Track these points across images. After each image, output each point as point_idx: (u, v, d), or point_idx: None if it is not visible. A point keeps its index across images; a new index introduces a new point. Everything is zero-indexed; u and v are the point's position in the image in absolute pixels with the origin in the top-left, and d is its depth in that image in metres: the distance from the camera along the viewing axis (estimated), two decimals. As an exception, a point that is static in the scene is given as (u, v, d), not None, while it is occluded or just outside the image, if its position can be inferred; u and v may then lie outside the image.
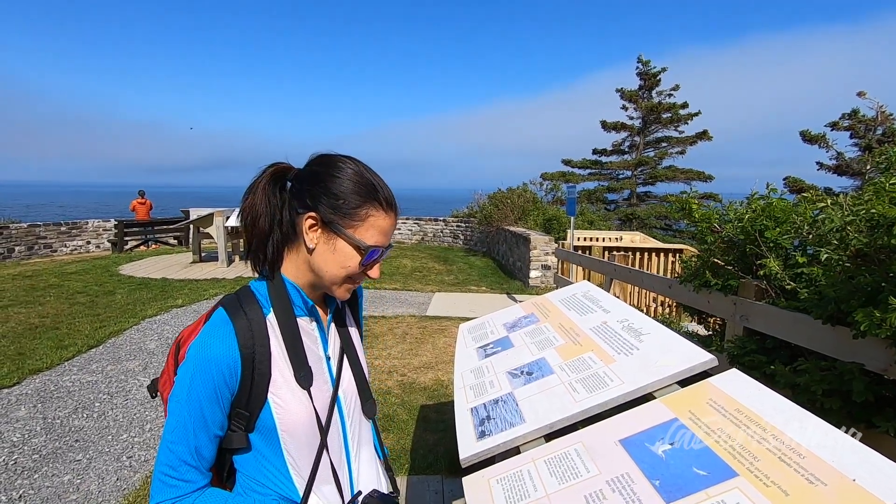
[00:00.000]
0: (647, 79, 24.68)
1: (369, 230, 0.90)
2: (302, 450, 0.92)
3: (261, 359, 0.88)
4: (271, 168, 0.94)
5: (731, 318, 2.44)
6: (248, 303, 0.92)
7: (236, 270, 9.60)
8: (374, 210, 0.90)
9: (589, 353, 1.47)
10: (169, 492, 0.85)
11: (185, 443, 0.85)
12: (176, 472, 0.85)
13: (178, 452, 0.85)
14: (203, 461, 0.88)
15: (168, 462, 0.85)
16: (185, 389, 0.85)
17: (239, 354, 0.86)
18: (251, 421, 0.89)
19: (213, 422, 0.87)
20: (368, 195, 0.90)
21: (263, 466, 0.92)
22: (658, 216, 23.43)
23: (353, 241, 0.89)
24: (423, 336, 5.80)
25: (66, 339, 5.35)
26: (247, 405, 0.88)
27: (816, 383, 1.69)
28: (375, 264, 0.94)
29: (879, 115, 16.26)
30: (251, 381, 0.87)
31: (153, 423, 3.60)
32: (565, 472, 1.03)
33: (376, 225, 0.91)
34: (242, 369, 0.87)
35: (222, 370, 0.85)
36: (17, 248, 11.38)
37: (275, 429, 0.89)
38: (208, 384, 0.85)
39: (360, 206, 0.89)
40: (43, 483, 2.86)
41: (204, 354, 0.85)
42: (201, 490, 0.88)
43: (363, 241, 0.89)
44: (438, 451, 3.21)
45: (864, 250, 1.65)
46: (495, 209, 12.79)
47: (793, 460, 0.83)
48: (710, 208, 2.82)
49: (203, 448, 0.87)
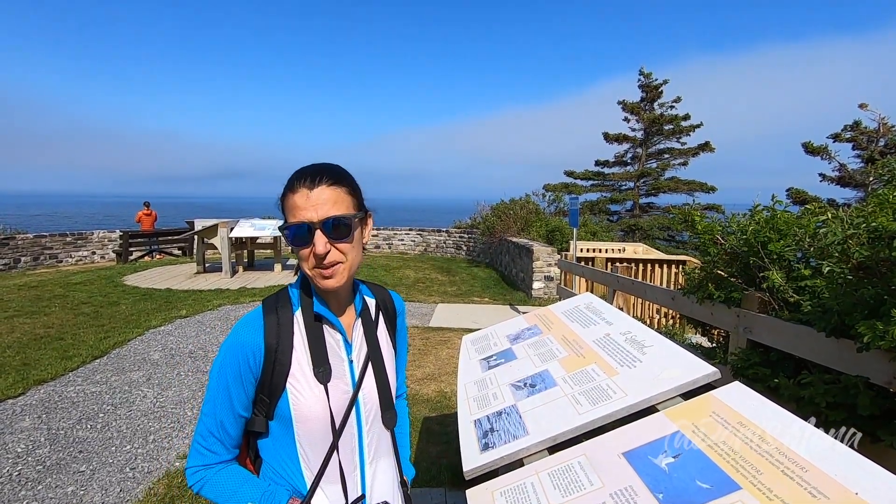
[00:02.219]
0: (648, 91, 24.82)
1: (288, 214, 0.97)
2: (315, 444, 0.98)
3: (283, 350, 0.97)
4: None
5: (734, 331, 2.44)
6: (282, 302, 1.03)
7: (240, 281, 9.63)
8: (286, 198, 0.97)
9: (592, 366, 1.47)
10: (199, 458, 0.98)
11: (213, 416, 0.97)
12: (205, 443, 0.98)
13: (207, 424, 0.98)
14: (227, 437, 0.99)
15: (200, 432, 0.98)
16: (216, 368, 0.97)
17: (263, 342, 0.96)
18: (271, 408, 0.97)
19: (238, 401, 0.97)
20: (284, 190, 0.98)
21: (279, 455, 1.00)
22: (661, 227, 23.40)
23: (281, 230, 0.97)
24: (426, 347, 5.79)
25: (71, 349, 5.37)
26: (268, 391, 0.97)
27: (821, 396, 1.69)
28: (309, 240, 0.94)
29: (881, 126, 16.28)
30: (273, 368, 0.96)
31: (157, 435, 3.60)
32: (569, 485, 1.03)
33: (290, 206, 0.96)
34: (265, 356, 0.96)
35: (247, 354, 0.95)
36: (23, 259, 11.45)
37: (290, 418, 0.97)
38: (234, 365, 0.96)
39: (282, 202, 0.98)
40: (47, 494, 2.85)
41: (233, 339, 0.97)
42: (226, 463, 1.00)
43: (282, 226, 0.97)
44: (441, 463, 3.20)
45: (867, 263, 1.65)
46: (498, 220, 12.81)
47: (795, 473, 0.83)
48: (713, 220, 2.83)
49: (228, 424, 0.98)
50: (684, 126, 24.15)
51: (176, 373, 4.81)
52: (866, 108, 16.09)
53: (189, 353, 5.41)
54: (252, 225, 10.45)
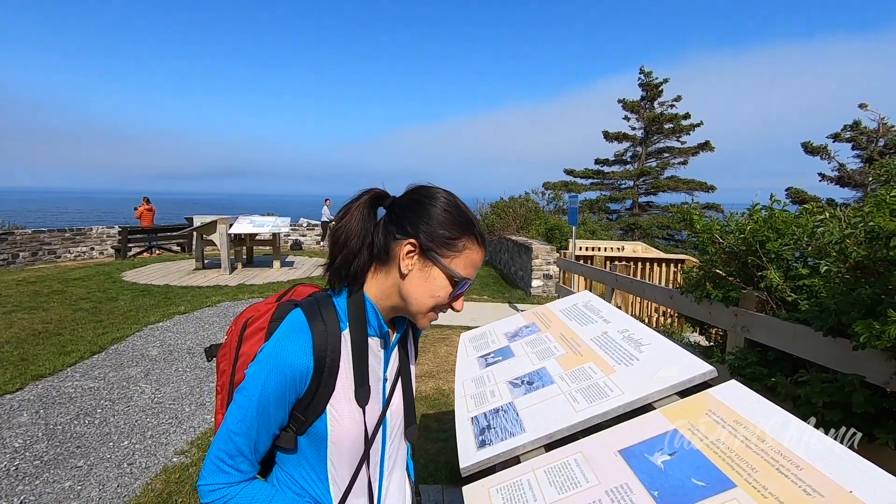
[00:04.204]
0: (649, 89, 24.81)
1: (464, 262, 0.93)
2: (343, 462, 0.94)
3: (329, 371, 0.90)
4: (369, 193, 0.96)
5: (732, 330, 2.44)
6: (328, 313, 0.93)
7: (239, 278, 9.63)
8: (470, 243, 0.93)
9: (589, 364, 1.47)
10: (221, 477, 0.89)
11: (248, 437, 0.88)
12: (232, 462, 0.89)
13: (239, 444, 0.88)
14: (258, 455, 0.92)
15: (226, 450, 0.88)
16: (258, 388, 0.87)
17: (313, 364, 0.88)
18: (304, 426, 0.91)
19: (276, 421, 0.90)
20: (466, 228, 0.93)
21: (305, 470, 0.95)
22: (660, 226, 23.43)
23: (449, 271, 0.91)
24: (424, 345, 5.79)
25: (69, 345, 5.36)
26: (305, 411, 0.91)
27: (817, 395, 1.69)
28: (462, 296, 0.96)
29: (881, 126, 16.29)
30: (316, 390, 0.90)
31: (154, 430, 3.60)
32: (565, 482, 1.03)
33: (471, 258, 0.93)
34: (312, 378, 0.89)
35: (295, 377, 0.88)
36: (22, 254, 11.44)
37: (325, 439, 0.92)
38: (279, 388, 0.87)
39: (458, 237, 0.92)
40: (44, 489, 2.86)
41: (281, 359, 0.87)
42: (249, 480, 0.92)
43: (458, 272, 0.91)
44: (439, 460, 3.20)
45: (864, 262, 1.66)
46: (497, 218, 12.82)
47: (791, 472, 0.83)
48: (712, 219, 2.83)
49: (261, 444, 0.91)
50: (684, 125, 24.16)
51: (174, 369, 4.81)
52: (866, 108, 16.10)
53: (187, 349, 5.41)
54: (251, 222, 10.43)
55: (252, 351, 0.97)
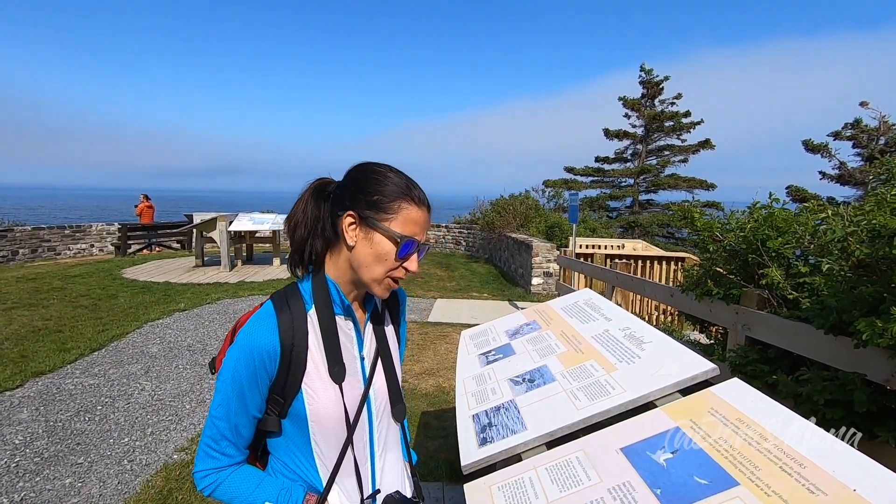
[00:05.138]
0: (649, 87, 24.76)
1: (403, 222, 0.95)
2: (329, 442, 0.98)
3: (298, 350, 0.95)
4: (314, 183, 1.03)
5: (732, 328, 2.44)
6: (294, 298, 0.99)
7: (239, 275, 9.62)
8: (406, 203, 0.96)
9: (591, 361, 1.47)
10: (210, 462, 0.96)
11: (227, 420, 0.95)
12: (217, 446, 0.96)
13: (221, 428, 0.95)
14: (240, 438, 0.97)
15: (211, 435, 0.96)
16: (230, 370, 0.94)
17: (279, 343, 0.94)
18: (284, 407, 0.96)
19: (252, 403, 0.95)
20: (401, 191, 0.96)
21: (293, 452, 0.99)
22: (660, 224, 23.41)
23: (389, 233, 0.94)
24: (424, 342, 5.79)
25: (69, 342, 5.36)
26: (282, 392, 0.95)
27: (818, 393, 1.69)
28: (411, 256, 0.98)
29: (882, 125, 16.28)
30: (288, 369, 0.95)
31: (154, 427, 3.60)
32: (567, 480, 1.03)
33: (409, 217, 0.95)
34: (281, 357, 0.94)
35: (262, 356, 0.93)
36: (21, 251, 11.43)
37: (305, 418, 0.96)
38: (249, 367, 0.93)
39: (393, 200, 0.95)
40: (44, 486, 2.86)
41: (248, 340, 0.93)
42: (238, 465, 0.98)
43: (397, 232, 0.94)
44: (439, 457, 3.21)
45: (866, 260, 1.65)
46: (497, 216, 12.80)
47: (794, 470, 0.83)
48: (713, 217, 2.83)
49: (242, 426, 0.96)
50: (685, 123, 24.12)
51: (174, 366, 4.81)
52: (867, 106, 16.09)
53: (187, 346, 5.41)
54: (251, 219, 10.42)
55: None
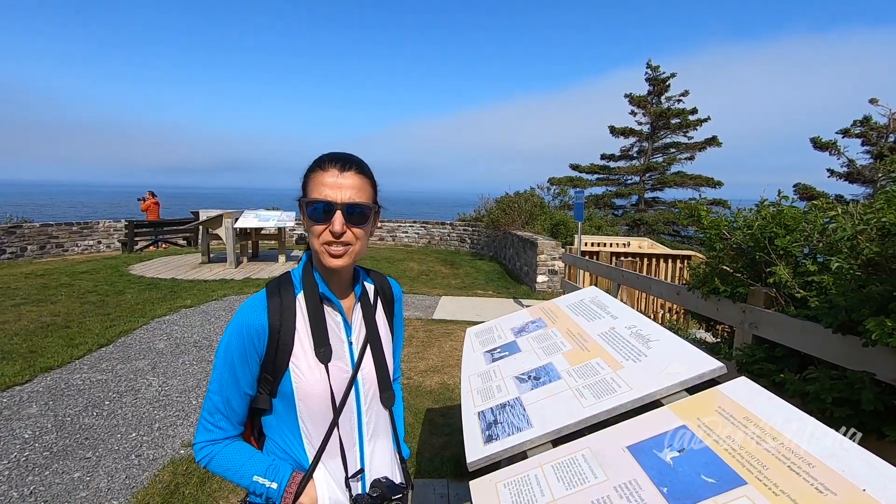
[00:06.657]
0: (656, 84, 24.60)
1: (312, 189, 1.02)
2: (316, 421, 1.03)
3: (286, 331, 1.02)
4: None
5: (739, 326, 2.43)
6: (285, 285, 1.08)
7: (245, 271, 9.66)
8: (313, 173, 1.03)
9: (597, 359, 1.47)
10: (206, 434, 1.03)
11: (220, 393, 1.02)
12: (212, 419, 1.03)
13: (215, 402, 1.02)
14: (234, 413, 1.04)
15: (208, 409, 1.03)
16: (223, 347, 1.03)
17: (267, 322, 1.01)
18: (274, 385, 1.02)
19: (244, 379, 1.02)
20: (312, 166, 1.04)
21: (283, 432, 1.05)
22: (666, 222, 23.29)
23: (302, 204, 1.02)
24: (429, 339, 5.80)
25: (77, 337, 5.41)
26: (271, 371, 1.02)
27: (826, 392, 1.68)
28: (328, 218, 1.00)
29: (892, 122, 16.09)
30: (276, 348, 1.01)
31: (162, 423, 3.63)
32: (573, 478, 1.03)
33: (316, 181, 1.01)
34: (269, 336, 1.01)
35: (251, 333, 1.01)
36: (30, 248, 11.52)
37: (293, 396, 1.02)
38: (239, 345, 1.01)
39: (306, 177, 1.04)
40: (53, 480, 2.89)
41: (238, 320, 1.02)
42: (232, 439, 1.05)
43: (304, 200, 1.02)
44: (444, 454, 3.21)
45: (876, 259, 1.64)
46: (502, 213, 12.78)
47: (802, 469, 0.83)
48: (719, 215, 2.81)
49: (234, 401, 1.03)
50: (691, 120, 23.95)
51: (181, 362, 4.84)
52: (877, 104, 15.91)
53: (194, 342, 5.44)
54: (257, 216, 10.46)
55: None
